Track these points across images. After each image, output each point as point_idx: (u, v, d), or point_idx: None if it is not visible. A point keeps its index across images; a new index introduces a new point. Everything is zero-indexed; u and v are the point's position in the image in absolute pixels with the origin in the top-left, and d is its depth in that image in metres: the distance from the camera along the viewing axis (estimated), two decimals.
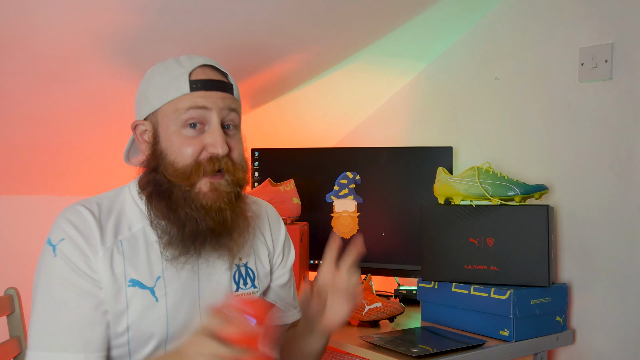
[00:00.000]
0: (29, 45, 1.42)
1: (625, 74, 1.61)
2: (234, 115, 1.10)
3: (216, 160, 1.06)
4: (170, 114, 1.07)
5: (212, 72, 1.10)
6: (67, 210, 1.07)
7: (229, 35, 1.61)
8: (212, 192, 1.06)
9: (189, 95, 1.06)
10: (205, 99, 1.06)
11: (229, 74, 1.14)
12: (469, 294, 1.61)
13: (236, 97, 1.12)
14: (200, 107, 1.05)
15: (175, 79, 1.07)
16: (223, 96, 1.08)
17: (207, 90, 1.07)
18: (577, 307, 1.71)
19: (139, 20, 1.44)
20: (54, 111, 1.68)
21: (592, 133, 1.67)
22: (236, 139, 1.11)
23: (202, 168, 1.05)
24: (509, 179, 1.63)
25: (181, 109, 1.05)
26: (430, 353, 1.39)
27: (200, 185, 1.06)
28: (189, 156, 1.05)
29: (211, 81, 1.08)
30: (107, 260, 1.04)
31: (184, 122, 1.05)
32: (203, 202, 1.05)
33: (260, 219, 1.25)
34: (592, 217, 1.68)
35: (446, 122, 2.06)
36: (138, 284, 1.06)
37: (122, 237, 1.07)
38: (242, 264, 1.18)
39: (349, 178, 2.03)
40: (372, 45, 1.91)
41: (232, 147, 1.08)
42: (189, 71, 1.07)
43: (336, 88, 2.12)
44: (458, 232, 1.65)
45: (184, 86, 1.06)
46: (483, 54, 1.95)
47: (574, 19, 1.71)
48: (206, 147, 1.06)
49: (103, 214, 1.08)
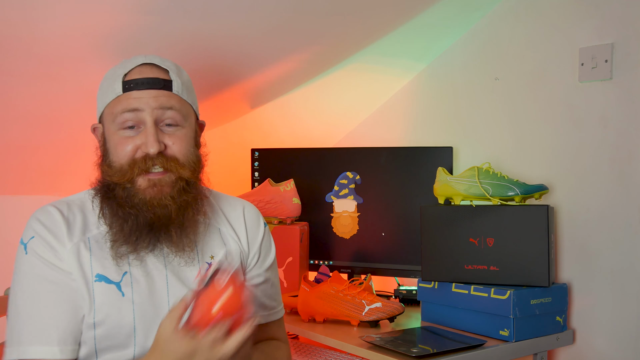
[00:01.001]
0: (29, 45, 1.42)
1: (625, 74, 1.61)
2: (172, 113, 1.10)
3: (150, 158, 1.08)
4: (109, 116, 1.11)
5: (149, 71, 1.11)
6: (38, 211, 1.12)
7: (229, 35, 1.61)
8: (151, 187, 1.09)
9: (122, 97, 1.09)
10: (137, 100, 1.08)
11: (177, 68, 1.15)
12: (469, 294, 1.61)
13: (177, 93, 1.12)
14: (132, 109, 1.08)
15: (113, 81, 1.11)
16: (156, 94, 1.09)
17: (139, 89, 1.09)
18: (577, 307, 1.71)
19: (139, 20, 1.44)
20: (54, 111, 1.68)
21: (592, 133, 1.67)
22: (178, 135, 1.11)
23: (137, 166, 1.08)
24: (509, 179, 1.63)
25: (116, 112, 1.09)
26: (430, 353, 1.39)
27: (139, 182, 1.09)
28: (124, 155, 1.09)
29: (143, 80, 1.09)
30: (74, 254, 1.08)
31: (120, 125, 1.09)
32: (142, 197, 1.08)
33: (236, 221, 1.25)
34: (592, 217, 1.68)
35: (446, 122, 2.06)
36: (104, 278, 1.08)
37: (89, 235, 1.11)
38: (212, 260, 1.18)
39: (349, 178, 2.03)
40: (372, 45, 1.91)
41: (168, 144, 1.10)
42: (124, 72, 1.10)
43: (336, 88, 2.12)
44: (458, 232, 1.65)
45: (117, 88, 1.10)
46: (483, 54, 1.95)
47: (574, 19, 1.71)
48: (140, 146, 1.09)
49: (72, 212, 1.12)
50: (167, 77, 1.12)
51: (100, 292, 1.07)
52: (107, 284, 1.08)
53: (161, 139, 1.09)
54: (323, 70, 1.99)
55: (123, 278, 1.09)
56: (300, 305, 1.73)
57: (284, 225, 1.93)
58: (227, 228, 1.23)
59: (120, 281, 1.09)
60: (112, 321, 1.07)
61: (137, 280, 1.09)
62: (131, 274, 1.09)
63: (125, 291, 1.08)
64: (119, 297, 1.08)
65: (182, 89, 1.14)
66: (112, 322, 1.07)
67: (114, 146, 1.10)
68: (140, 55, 1.14)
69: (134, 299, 1.08)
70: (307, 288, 1.72)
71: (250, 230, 1.26)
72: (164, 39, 1.54)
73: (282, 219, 1.92)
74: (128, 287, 1.09)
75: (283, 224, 1.94)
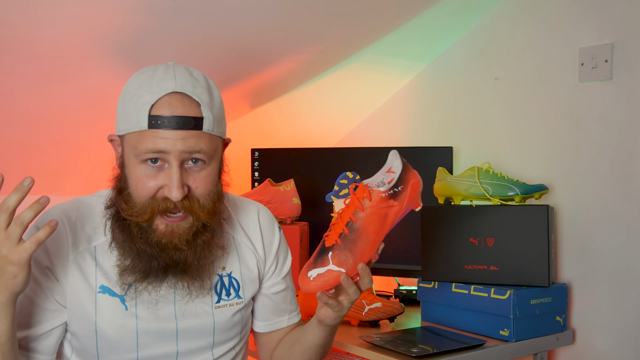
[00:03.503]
0: (29, 45, 1.42)
1: (625, 74, 1.61)
2: (199, 156, 1.02)
3: (170, 201, 1.01)
4: (130, 146, 1.02)
5: (180, 104, 1.00)
6: (47, 212, 1.08)
7: (229, 35, 1.61)
8: (167, 233, 1.03)
9: (147, 134, 0.99)
10: (163, 141, 0.98)
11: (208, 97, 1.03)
12: (469, 294, 1.61)
13: (208, 131, 1.02)
14: (158, 151, 0.99)
15: (138, 109, 1.00)
16: (185, 136, 0.99)
17: (166, 128, 0.99)
18: (577, 307, 1.71)
19: (139, 20, 1.44)
20: (54, 111, 1.68)
21: (592, 133, 1.67)
22: (202, 176, 1.03)
23: (158, 206, 1.01)
24: (509, 179, 1.63)
25: (140, 149, 1.00)
26: (430, 353, 1.39)
27: (157, 222, 1.02)
28: (144, 193, 1.01)
29: (172, 118, 0.99)
30: (76, 265, 1.05)
31: (142, 159, 1.01)
32: (158, 239, 1.02)
33: (251, 228, 1.21)
34: (592, 217, 1.68)
35: (446, 122, 2.06)
36: (108, 290, 1.06)
37: (96, 243, 1.08)
38: (225, 273, 1.15)
39: (349, 178, 2.03)
40: (372, 45, 1.91)
41: (192, 188, 1.02)
42: (152, 102, 0.99)
43: (336, 88, 2.12)
44: (458, 232, 1.65)
45: (143, 121, 0.99)
46: (483, 54, 1.95)
47: (574, 19, 1.71)
48: (162, 187, 1.01)
49: (81, 218, 1.09)
50: (198, 114, 1.01)
51: (103, 304, 1.05)
52: (111, 296, 1.06)
53: (185, 181, 1.01)
54: (323, 70, 1.99)
55: (127, 291, 1.06)
56: (300, 305, 1.73)
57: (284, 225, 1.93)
58: (242, 236, 1.19)
59: (124, 294, 1.06)
60: (115, 334, 1.06)
61: (142, 294, 1.07)
62: (136, 287, 1.06)
63: (129, 305, 1.06)
64: (122, 311, 1.06)
65: (213, 124, 1.03)
66: (114, 335, 1.06)
67: (134, 181, 1.02)
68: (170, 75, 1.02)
69: (138, 314, 1.07)
70: None
71: (265, 237, 1.22)
72: (164, 39, 1.54)
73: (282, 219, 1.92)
74: (132, 300, 1.07)
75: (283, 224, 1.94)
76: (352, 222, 1.08)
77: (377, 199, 1.07)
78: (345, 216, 1.08)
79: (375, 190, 1.08)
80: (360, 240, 1.07)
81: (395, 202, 1.09)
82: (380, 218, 1.08)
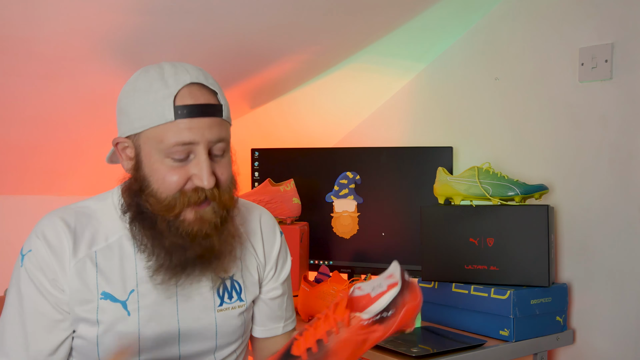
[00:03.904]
0: (29, 45, 1.42)
1: (625, 74, 1.61)
2: (223, 145, 1.03)
3: (202, 190, 1.01)
4: (153, 142, 1.00)
5: (200, 93, 1.00)
6: (45, 220, 1.06)
7: (229, 35, 1.61)
8: (197, 220, 1.02)
9: (174, 125, 0.98)
10: (192, 132, 0.98)
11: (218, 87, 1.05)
12: (469, 294, 1.61)
13: (226, 118, 1.04)
14: (188, 142, 0.99)
15: (159, 102, 0.99)
16: (211, 124, 1.00)
17: (194, 117, 0.99)
18: (577, 307, 1.71)
19: (139, 20, 1.44)
20: (54, 111, 1.68)
21: (592, 133, 1.67)
22: (224, 163, 1.05)
23: (187, 198, 1.00)
24: (509, 179, 1.63)
25: (167, 142, 0.98)
26: (430, 353, 1.39)
27: (185, 214, 1.01)
28: (173, 186, 1.00)
29: (198, 106, 0.99)
30: (77, 272, 1.04)
31: (169, 154, 0.99)
32: (188, 229, 1.01)
33: (252, 231, 1.20)
34: (592, 217, 1.67)
35: (446, 122, 2.06)
36: (110, 296, 1.05)
37: (97, 248, 1.06)
38: (227, 277, 1.14)
39: (349, 178, 2.03)
40: (372, 45, 1.91)
41: (218, 175, 1.03)
42: (173, 94, 0.99)
43: (336, 88, 2.12)
44: (458, 232, 1.65)
45: (168, 113, 0.98)
46: (483, 54, 1.95)
47: (574, 19, 1.71)
48: (192, 177, 1.00)
49: (80, 224, 1.07)
50: (217, 102, 1.02)
51: (105, 310, 1.04)
52: (113, 302, 1.05)
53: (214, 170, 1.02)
54: (323, 70, 1.99)
55: (130, 297, 1.05)
56: (300, 305, 1.73)
57: (284, 225, 1.93)
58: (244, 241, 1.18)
59: (126, 300, 1.05)
60: (116, 340, 1.05)
61: (144, 299, 1.06)
62: (138, 292, 1.06)
63: (131, 309, 1.05)
64: (125, 316, 1.05)
65: (228, 112, 1.06)
66: (116, 341, 1.05)
67: (160, 177, 1.00)
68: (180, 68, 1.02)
69: (140, 319, 1.06)
70: (307, 288, 1.72)
71: (267, 242, 1.21)
72: (164, 39, 1.54)
73: (282, 219, 1.92)
74: (134, 305, 1.05)
75: (283, 224, 1.94)
76: (322, 342, 0.96)
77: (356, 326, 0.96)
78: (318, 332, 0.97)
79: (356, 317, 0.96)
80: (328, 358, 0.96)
81: (379, 327, 0.96)
82: (356, 344, 0.96)
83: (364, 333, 0.95)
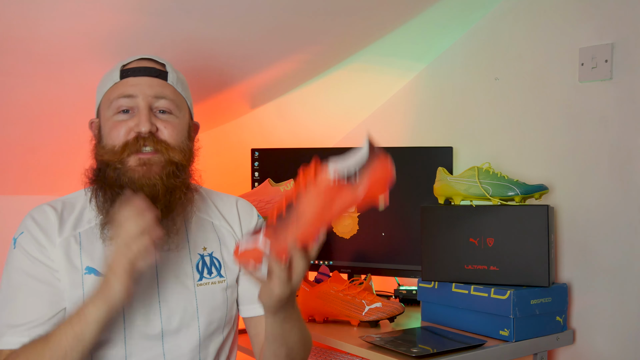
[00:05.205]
0: (29, 45, 1.42)
1: (625, 74, 1.61)
2: (166, 102, 1.14)
3: (141, 138, 1.11)
4: (105, 103, 1.15)
5: (147, 62, 1.17)
6: (33, 209, 1.16)
7: (229, 35, 1.61)
8: (140, 166, 1.10)
9: (119, 84, 1.14)
10: (133, 87, 1.13)
11: (172, 66, 1.19)
12: (469, 294, 1.61)
13: (171, 84, 1.16)
14: (128, 95, 1.13)
15: (112, 72, 1.17)
16: (151, 82, 1.14)
17: (135, 76, 1.14)
18: (577, 307, 1.71)
19: (139, 20, 1.44)
20: (53, 111, 1.68)
21: (592, 133, 1.67)
22: (170, 122, 1.15)
23: (129, 146, 1.10)
24: (509, 179, 1.63)
25: (112, 98, 1.14)
26: (430, 353, 1.39)
27: (130, 162, 1.11)
28: (117, 137, 1.12)
29: (140, 68, 1.15)
30: (63, 248, 1.11)
31: (115, 109, 1.13)
32: (131, 175, 1.10)
33: (230, 214, 1.27)
34: (592, 217, 1.68)
35: (446, 122, 2.06)
36: (93, 271, 1.11)
37: (81, 230, 1.14)
38: (206, 253, 1.20)
39: None
40: (372, 45, 1.91)
41: (160, 127, 1.13)
42: (124, 63, 1.16)
43: (336, 88, 2.12)
44: (458, 232, 1.65)
45: (115, 76, 1.15)
46: (483, 54, 1.95)
47: (574, 19, 1.71)
48: (133, 128, 1.12)
49: (66, 210, 1.16)
50: (164, 69, 1.17)
51: (89, 284, 1.11)
52: (97, 276, 1.11)
53: (153, 122, 1.13)
54: (323, 70, 1.99)
55: None
56: (300, 305, 1.72)
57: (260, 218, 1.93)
58: (221, 221, 1.26)
59: None
60: None
61: None
62: None
63: None
64: None
65: (177, 82, 1.18)
66: None
67: (108, 130, 1.13)
68: (138, 55, 1.19)
69: None
70: (307, 288, 1.72)
71: (244, 221, 1.28)
72: (164, 39, 1.54)
73: None
74: None
75: None
76: (291, 205, 0.99)
77: (323, 183, 0.98)
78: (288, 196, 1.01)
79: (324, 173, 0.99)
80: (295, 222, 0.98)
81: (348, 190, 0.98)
82: (325, 204, 0.97)
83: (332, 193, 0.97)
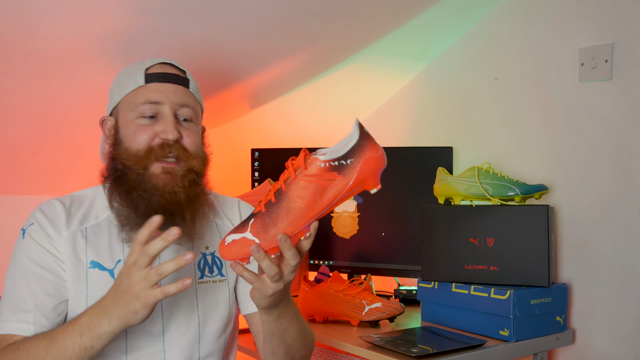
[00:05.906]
0: (29, 45, 1.42)
1: (625, 74, 1.61)
2: (187, 111, 1.16)
3: (167, 145, 1.12)
4: (127, 105, 1.15)
5: (169, 68, 1.18)
6: (42, 203, 1.17)
7: (229, 35, 1.61)
8: (164, 174, 1.11)
9: (144, 88, 1.14)
10: (159, 93, 1.14)
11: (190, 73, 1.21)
12: (469, 294, 1.61)
13: (192, 92, 1.19)
14: (154, 102, 1.13)
15: (134, 73, 1.16)
16: (176, 90, 1.15)
17: (161, 82, 1.15)
18: (577, 307, 1.71)
19: (139, 20, 1.44)
20: (54, 111, 1.68)
21: (592, 133, 1.67)
22: (191, 130, 1.16)
23: (154, 153, 1.11)
24: (509, 179, 1.63)
25: (137, 102, 1.14)
26: (430, 353, 1.39)
27: (153, 168, 1.11)
28: (142, 142, 1.12)
29: (165, 74, 1.15)
30: (69, 242, 1.12)
31: (139, 113, 1.13)
32: (155, 183, 1.11)
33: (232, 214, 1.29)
34: (592, 217, 1.68)
35: (446, 122, 2.06)
36: (98, 265, 1.12)
37: (87, 225, 1.15)
38: (208, 252, 1.22)
39: None
40: (372, 45, 1.91)
41: (184, 135, 1.14)
42: (147, 66, 1.16)
43: (336, 88, 2.12)
44: (458, 232, 1.65)
45: (140, 79, 1.15)
46: (483, 54, 1.95)
47: (574, 19, 1.71)
48: (158, 134, 1.12)
49: (74, 205, 1.17)
50: (185, 77, 1.19)
51: (94, 278, 1.11)
52: (101, 270, 1.12)
53: (179, 130, 1.14)
54: (323, 71, 1.99)
55: (117, 265, 1.13)
56: (300, 305, 1.73)
57: None
58: (224, 221, 1.28)
59: (113, 268, 1.12)
60: None
61: None
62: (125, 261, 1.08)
63: None
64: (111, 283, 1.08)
65: (196, 89, 1.21)
66: None
67: (131, 133, 1.13)
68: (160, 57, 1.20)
69: None
70: (307, 288, 1.72)
71: None
72: (163, 39, 1.54)
73: None
74: None
75: None
76: (281, 190, 0.94)
77: (314, 168, 0.93)
78: (277, 183, 0.95)
79: (313, 158, 0.93)
80: (286, 210, 0.93)
81: (339, 176, 0.93)
82: (315, 190, 0.93)
83: (323, 179, 0.93)
